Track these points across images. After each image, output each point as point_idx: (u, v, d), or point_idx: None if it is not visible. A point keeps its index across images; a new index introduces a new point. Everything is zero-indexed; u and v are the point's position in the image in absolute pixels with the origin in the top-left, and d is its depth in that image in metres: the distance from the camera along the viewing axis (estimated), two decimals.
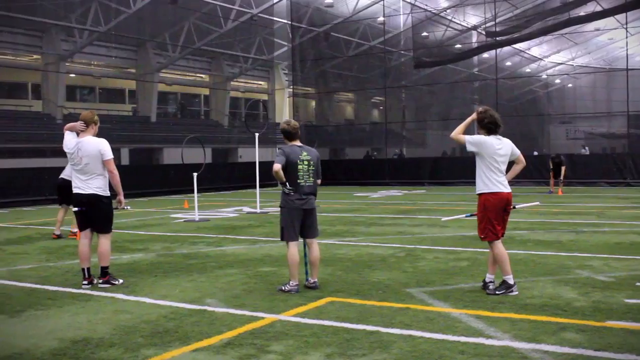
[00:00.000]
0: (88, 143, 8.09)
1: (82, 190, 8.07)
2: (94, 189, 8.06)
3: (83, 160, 8.04)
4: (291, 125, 7.61)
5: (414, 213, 17.07)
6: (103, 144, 8.11)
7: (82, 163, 8.05)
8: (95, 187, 8.06)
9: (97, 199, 8.07)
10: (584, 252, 9.96)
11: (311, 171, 7.49)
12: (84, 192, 8.06)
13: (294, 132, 7.59)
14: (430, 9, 39.27)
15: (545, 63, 52.90)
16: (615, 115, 42.33)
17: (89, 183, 8.06)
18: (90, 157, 8.03)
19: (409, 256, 9.84)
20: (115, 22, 35.75)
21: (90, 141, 8.11)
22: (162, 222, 16.07)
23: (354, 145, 43.01)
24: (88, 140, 8.12)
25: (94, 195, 8.05)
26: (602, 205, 18.24)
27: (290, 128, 7.58)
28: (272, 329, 5.94)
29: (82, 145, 8.08)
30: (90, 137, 8.17)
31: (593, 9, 35.95)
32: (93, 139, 8.15)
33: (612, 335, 5.53)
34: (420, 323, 6.01)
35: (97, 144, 8.09)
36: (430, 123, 44.22)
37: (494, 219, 7.15)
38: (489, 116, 7.23)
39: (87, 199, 8.06)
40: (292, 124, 7.65)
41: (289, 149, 7.48)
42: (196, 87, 50.00)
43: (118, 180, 8.20)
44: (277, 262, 9.52)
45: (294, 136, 7.59)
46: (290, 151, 7.46)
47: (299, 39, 38.99)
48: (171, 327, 6.05)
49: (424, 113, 46.11)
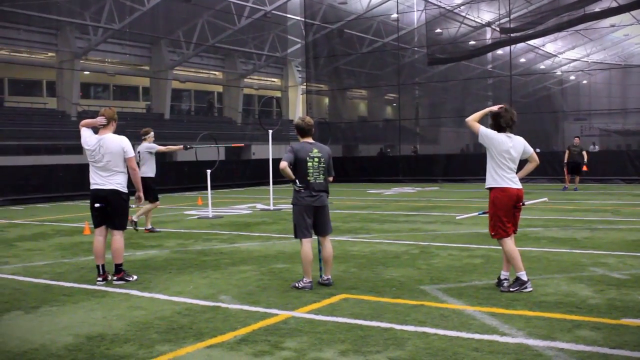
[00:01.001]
0: (110, 140, 8.13)
1: (102, 187, 8.12)
2: (114, 184, 8.12)
3: (105, 158, 8.09)
4: (305, 122, 7.62)
5: (428, 210, 17.03)
6: (125, 142, 8.18)
7: (103, 160, 8.09)
8: (116, 183, 8.12)
9: (117, 195, 8.13)
10: (599, 249, 9.90)
11: (321, 168, 7.47)
12: (105, 188, 8.11)
13: (307, 128, 7.58)
14: (444, 5, 39.12)
15: (560, 59, 52.56)
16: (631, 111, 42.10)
17: (109, 179, 8.12)
18: (112, 154, 8.08)
19: (423, 253, 9.82)
20: (129, 19, 35.86)
21: (112, 138, 8.15)
22: (176, 218, 16.12)
23: (367, 142, 42.94)
24: (110, 137, 8.16)
25: (115, 190, 8.11)
26: (617, 203, 18.12)
27: (303, 124, 7.59)
28: (286, 325, 5.95)
29: (104, 142, 8.11)
30: (111, 135, 8.20)
31: (608, 5, 35.69)
32: (115, 136, 8.19)
33: (628, 333, 5.50)
34: (435, 320, 6.00)
35: (120, 141, 8.15)
36: (444, 120, 44.05)
37: (503, 216, 7.13)
38: (509, 118, 7.19)
39: (107, 194, 8.10)
40: (307, 120, 7.66)
41: (299, 146, 7.49)
42: (210, 84, 50.09)
43: (139, 178, 8.36)
44: (290, 258, 9.53)
45: (306, 133, 7.59)
46: (300, 148, 7.47)
47: (312, 36, 38.95)
48: (185, 324, 6.07)
49: (438, 110, 45.91)
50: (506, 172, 7.15)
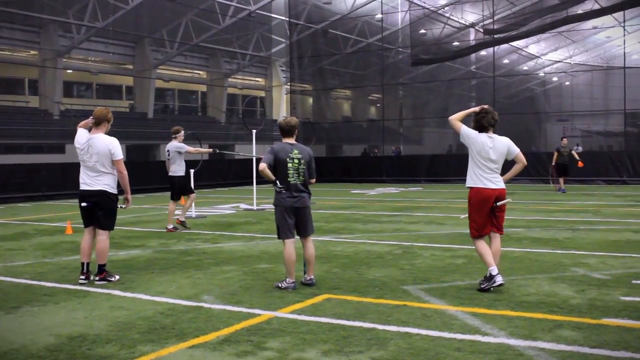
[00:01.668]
0: (99, 140, 8.07)
1: (89, 187, 8.12)
2: (102, 185, 8.08)
3: (93, 158, 8.06)
4: (286, 121, 7.61)
5: (411, 210, 17.08)
6: (114, 143, 8.10)
7: (92, 160, 8.07)
8: (103, 184, 8.08)
9: (105, 195, 8.09)
10: (580, 249, 9.97)
11: (301, 170, 7.46)
12: (92, 189, 8.09)
13: (288, 128, 7.56)
14: (428, 6, 39.25)
15: (543, 61, 52.88)
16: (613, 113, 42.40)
17: (97, 180, 8.09)
18: (99, 154, 8.04)
19: (406, 253, 9.85)
20: (113, 18, 35.68)
21: (101, 139, 8.09)
22: (159, 218, 16.06)
23: (351, 142, 43.00)
24: (99, 137, 8.10)
25: (102, 191, 8.07)
26: (598, 203, 18.26)
27: (284, 124, 7.59)
28: (268, 325, 5.94)
29: (93, 142, 8.07)
30: (101, 135, 8.13)
31: (591, 7, 35.96)
32: (104, 137, 8.12)
33: (608, 333, 5.54)
34: (417, 320, 6.01)
35: (108, 142, 8.07)
36: (428, 120, 44.22)
37: (477, 216, 7.19)
38: (490, 118, 7.24)
39: (94, 194, 8.08)
40: (288, 120, 7.64)
41: (279, 147, 7.49)
42: (194, 84, 49.96)
43: (127, 181, 8.22)
44: (273, 259, 9.53)
45: (287, 133, 7.57)
46: (280, 149, 7.46)
47: (296, 36, 38.96)
48: (168, 324, 6.05)
49: (421, 110, 46.11)
50: (485, 173, 7.19)
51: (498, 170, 7.27)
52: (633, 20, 38.84)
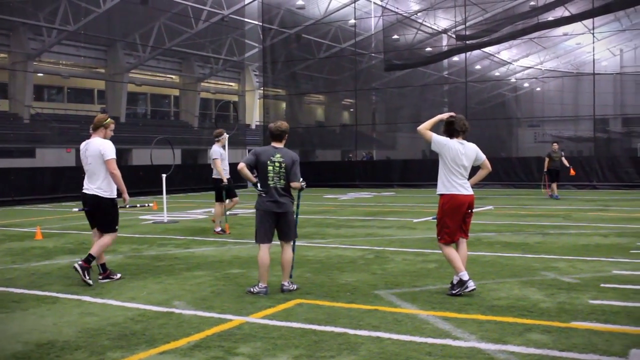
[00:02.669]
0: (93, 144, 8.33)
1: (87, 191, 8.38)
2: (95, 189, 8.30)
3: (88, 161, 8.33)
4: (276, 126, 7.62)
5: (384, 215, 17.13)
6: (105, 145, 8.29)
7: (87, 163, 8.35)
8: (96, 188, 8.29)
9: (98, 200, 8.30)
10: (550, 254, 10.07)
11: (282, 173, 7.44)
12: (88, 193, 8.36)
13: (276, 133, 7.57)
14: (401, 12, 39.48)
15: (514, 67, 53.45)
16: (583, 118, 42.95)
17: (92, 183, 8.33)
18: (93, 157, 8.28)
19: (378, 258, 9.87)
20: (84, 21, 35.40)
21: (95, 142, 8.33)
22: (131, 223, 15.93)
23: (324, 147, 43.04)
24: (93, 141, 8.35)
25: (95, 196, 8.30)
26: (568, 208, 18.46)
27: (274, 128, 7.60)
28: (240, 331, 5.92)
29: (89, 146, 8.36)
30: (96, 139, 8.36)
31: (561, 14, 36.45)
32: (98, 140, 8.34)
33: (577, 336, 5.60)
34: (388, 325, 6.03)
35: (100, 144, 8.28)
36: (400, 125, 44.42)
37: (450, 222, 7.23)
38: (461, 124, 7.29)
39: (90, 199, 8.35)
40: (278, 125, 7.65)
41: (262, 150, 7.53)
42: (166, 88, 49.71)
43: (120, 180, 8.36)
44: (245, 264, 9.50)
45: (276, 137, 7.59)
46: (263, 151, 7.49)
47: (270, 41, 38.93)
48: (138, 330, 6.00)
49: (394, 115, 46.30)
50: (457, 178, 7.25)
51: (467, 175, 7.34)
52: (602, 27, 39.51)
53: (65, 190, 24.55)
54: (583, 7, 33.92)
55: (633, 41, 51.15)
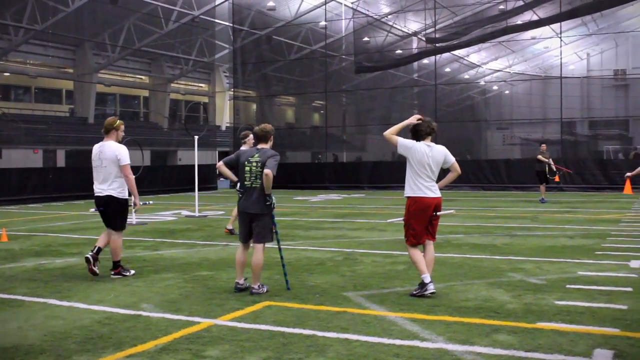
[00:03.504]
0: (107, 147, 8.74)
1: (100, 193, 8.77)
2: (109, 190, 8.70)
3: (103, 164, 8.70)
4: (261, 128, 7.78)
5: (353, 217, 17.17)
6: (120, 150, 8.72)
7: (102, 167, 8.72)
8: (111, 189, 8.70)
9: (112, 200, 8.71)
10: (517, 255, 10.18)
11: (259, 173, 7.45)
12: (101, 195, 8.75)
13: (260, 134, 7.71)
14: (371, 14, 39.61)
15: (484, 70, 53.90)
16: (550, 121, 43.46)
17: (106, 185, 8.72)
18: (108, 160, 8.67)
19: (347, 260, 9.90)
20: (52, 20, 34.98)
21: (110, 146, 8.74)
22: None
23: (294, 148, 43.00)
24: (108, 145, 8.76)
25: (109, 196, 8.70)
26: (535, 210, 18.66)
27: (259, 130, 7.77)
28: (208, 333, 5.90)
29: (103, 149, 8.75)
30: (111, 142, 8.79)
31: (530, 18, 36.89)
32: (113, 144, 8.77)
33: (543, 337, 5.67)
34: (357, 326, 6.05)
35: (116, 149, 8.71)
36: (370, 127, 44.56)
37: (416, 224, 7.28)
38: (427, 126, 7.34)
39: (104, 200, 8.74)
40: (263, 126, 7.80)
41: (244, 151, 7.81)
42: (136, 89, 49.32)
43: (134, 185, 8.86)
44: (214, 266, 9.47)
45: (259, 139, 7.72)
46: (244, 152, 7.68)
47: (240, 42, 38.83)
48: (105, 333, 5.95)
49: (364, 117, 46.44)
50: (425, 181, 7.29)
51: (435, 178, 7.38)
52: (569, 31, 39.99)
53: (32, 192, 24.28)
54: (551, 11, 34.36)
55: (599, 45, 51.91)
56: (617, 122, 49.34)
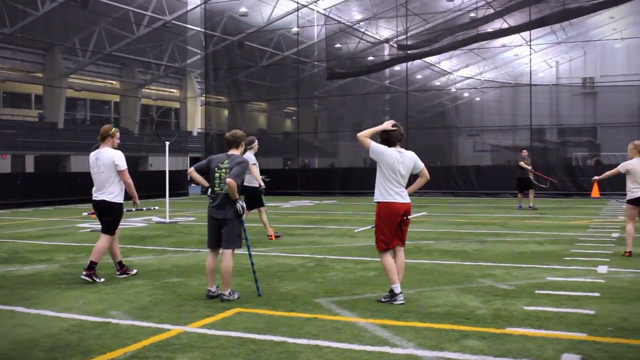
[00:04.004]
0: (104, 154, 9.03)
1: (96, 198, 9.07)
2: (105, 195, 9.00)
3: (100, 170, 8.99)
4: (231, 133, 7.83)
5: (325, 223, 17.19)
6: (117, 156, 9.03)
7: (99, 172, 9.00)
8: (107, 194, 9.00)
9: (107, 204, 9.02)
10: (487, 261, 10.26)
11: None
12: (97, 199, 9.06)
13: (231, 140, 7.75)
14: (343, 21, 39.73)
15: (455, 77, 54.26)
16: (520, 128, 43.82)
17: (103, 190, 9.01)
18: (105, 166, 8.96)
19: (318, 266, 9.90)
20: (21, 24, 34.56)
21: (106, 152, 9.03)
22: (68, 231, 15.63)
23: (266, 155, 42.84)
24: (104, 151, 9.05)
25: (105, 201, 9.00)
26: (505, 216, 18.83)
27: (229, 136, 7.82)
28: (178, 340, 5.86)
29: (100, 156, 9.04)
30: (107, 149, 9.08)
31: (500, 26, 37.26)
32: (109, 151, 9.05)
33: (512, 342, 5.72)
34: (328, 333, 6.05)
35: (112, 155, 9.01)
36: (342, 134, 44.65)
37: (386, 230, 7.31)
38: (398, 133, 7.38)
39: (99, 204, 9.05)
40: (233, 132, 7.84)
41: (215, 156, 7.70)
42: (106, 94, 48.90)
43: (132, 188, 9.22)
44: (185, 272, 9.42)
45: (230, 144, 7.75)
46: (215, 158, 7.65)
47: (212, 47, 38.72)
48: (73, 341, 5.88)
49: (336, 124, 46.51)
50: (395, 187, 7.32)
51: (405, 184, 7.42)
52: (539, 39, 40.48)
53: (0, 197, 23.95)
54: (520, 19, 34.74)
55: (568, 53, 52.55)
56: (585, 130, 49.89)
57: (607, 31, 47.84)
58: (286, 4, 37.85)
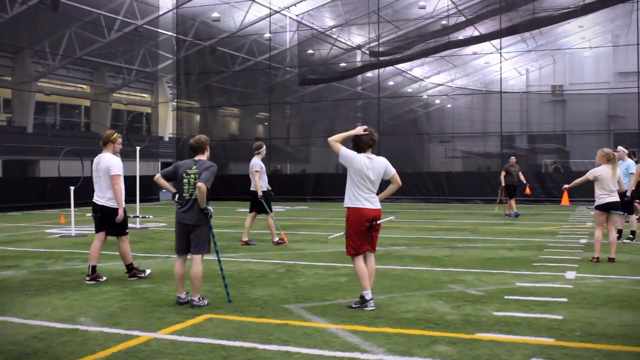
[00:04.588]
0: (102, 159, 9.26)
1: (97, 201, 9.25)
2: (105, 200, 9.19)
3: (99, 174, 9.21)
4: (195, 139, 7.80)
5: (296, 229, 17.17)
6: (112, 161, 9.19)
7: (98, 177, 9.24)
8: (106, 200, 9.19)
9: (108, 211, 9.19)
10: (457, 267, 10.32)
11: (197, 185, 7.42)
12: (98, 203, 9.23)
13: (195, 146, 7.71)
14: (316, 27, 39.81)
15: (426, 84, 54.63)
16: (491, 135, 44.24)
17: (102, 195, 9.21)
18: (102, 171, 9.18)
19: (289, 272, 9.89)
20: None
21: (105, 158, 9.25)
22: (36, 237, 15.44)
23: (237, 160, 42.75)
24: (103, 156, 9.28)
25: (105, 206, 9.19)
26: (476, 222, 18.97)
27: (193, 142, 7.79)
28: (147, 347, 5.82)
29: (99, 160, 9.29)
30: (106, 154, 9.28)
31: (471, 33, 37.60)
32: (107, 156, 9.25)
33: (481, 347, 5.76)
34: (298, 339, 6.04)
35: (108, 160, 9.20)
36: (314, 139, 44.70)
37: (355, 235, 7.32)
38: (369, 139, 7.40)
39: (100, 208, 9.23)
40: (197, 138, 7.81)
41: (181, 162, 7.68)
42: (77, 98, 48.44)
43: (119, 195, 9.17)
44: (154, 278, 9.36)
45: (195, 150, 7.72)
46: (182, 164, 7.63)
47: (184, 52, 38.54)
48: (40, 348, 5.81)
49: (308, 129, 46.57)
50: (364, 192, 7.34)
51: (375, 190, 7.44)
52: (509, 47, 40.89)
53: None
54: (491, 27, 35.09)
55: (538, 62, 53.25)
56: (554, 137, 50.54)
57: (576, 40, 48.59)
58: (258, 10, 37.81)
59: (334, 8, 40.02)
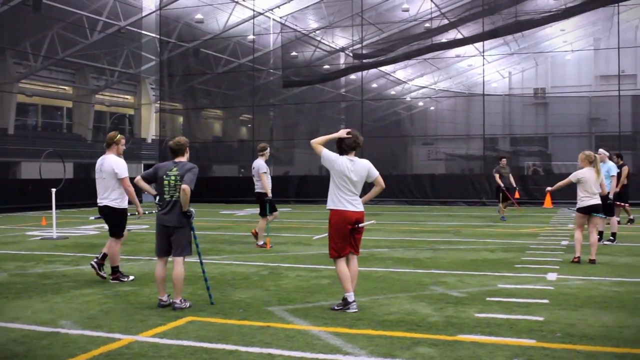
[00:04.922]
0: (107, 161, 9.36)
1: (100, 203, 9.42)
2: (108, 201, 9.34)
3: (103, 176, 9.33)
4: (175, 142, 7.78)
5: (279, 231, 17.16)
6: (118, 164, 9.32)
7: (102, 178, 9.35)
8: (109, 200, 9.33)
9: (110, 210, 9.35)
10: (440, 269, 10.36)
11: (177, 186, 7.40)
12: (101, 204, 9.40)
13: (175, 148, 7.70)
14: (299, 29, 39.81)
15: (410, 86, 54.76)
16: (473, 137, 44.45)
17: (106, 196, 9.34)
18: (107, 173, 9.30)
19: (272, 274, 9.88)
20: None
21: (109, 159, 9.35)
22: (17, 239, 15.32)
23: (221, 162, 42.71)
24: (108, 158, 9.39)
25: (107, 207, 9.35)
26: (458, 224, 19.04)
27: (173, 144, 7.76)
28: (128, 350, 5.79)
29: (103, 162, 9.38)
30: (110, 156, 9.40)
31: (454, 36, 37.76)
32: (112, 158, 9.37)
33: (463, 349, 5.78)
34: (280, 341, 6.04)
35: (113, 162, 9.31)
36: (298, 142, 44.69)
37: (337, 237, 7.33)
38: (352, 141, 7.40)
39: (103, 209, 9.41)
40: (176, 140, 7.79)
41: (162, 164, 7.64)
42: (59, 100, 48.11)
43: (133, 196, 9.47)
44: (136, 281, 9.32)
45: (175, 152, 7.71)
46: (162, 166, 7.59)
47: (167, 54, 38.42)
48: (20, 352, 5.77)
49: (292, 132, 46.53)
50: (346, 195, 7.35)
51: (358, 192, 7.44)
52: (492, 50, 41.13)
53: None
54: (474, 30, 35.25)
55: (520, 64, 53.56)
56: (537, 139, 50.85)
57: (558, 43, 48.93)
58: (242, 12, 37.75)
59: (318, 10, 40.04)
